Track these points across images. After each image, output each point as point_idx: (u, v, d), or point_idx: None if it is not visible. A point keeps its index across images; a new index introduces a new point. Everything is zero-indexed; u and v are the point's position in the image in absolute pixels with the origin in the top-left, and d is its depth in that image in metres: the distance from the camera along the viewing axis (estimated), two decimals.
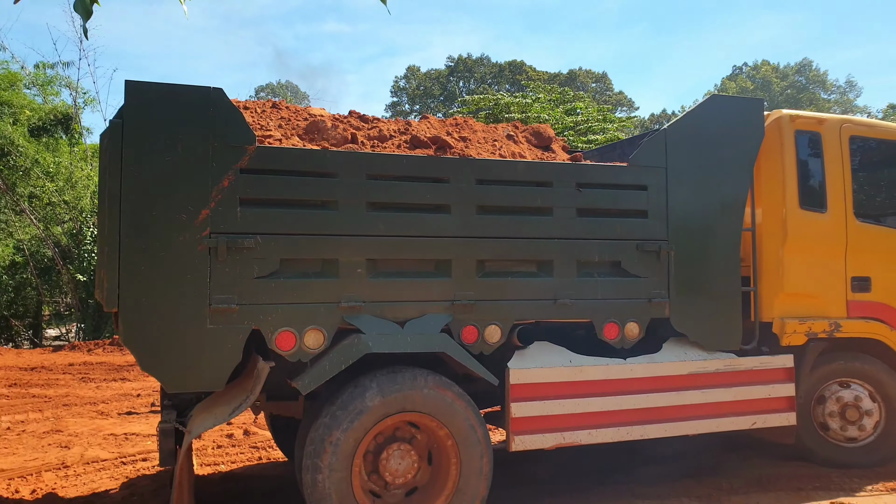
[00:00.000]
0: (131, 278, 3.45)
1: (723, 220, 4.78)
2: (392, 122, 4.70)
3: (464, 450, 3.93)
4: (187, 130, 3.55)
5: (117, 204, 3.43)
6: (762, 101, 5.10)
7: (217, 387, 3.63)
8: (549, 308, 4.34)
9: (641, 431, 4.52)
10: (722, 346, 4.78)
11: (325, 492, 3.64)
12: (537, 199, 4.34)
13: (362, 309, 3.89)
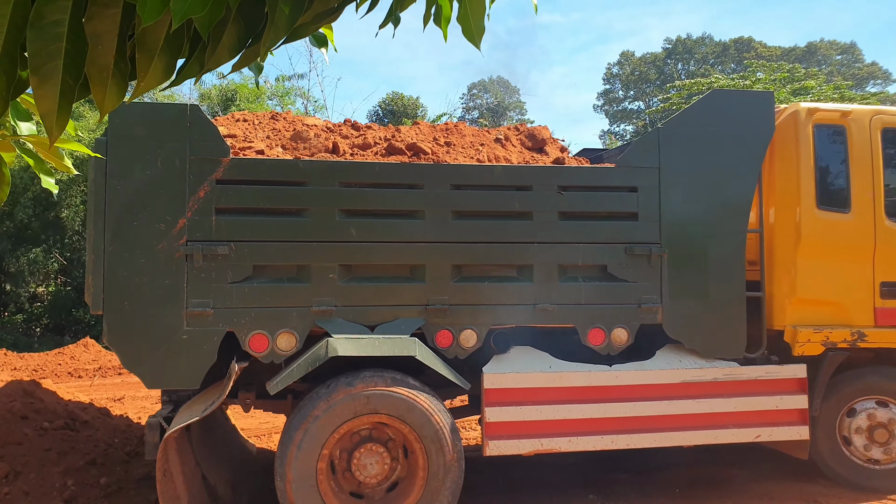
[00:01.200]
0: (114, 283, 3.78)
1: (725, 221, 4.54)
2: (381, 130, 4.81)
3: (428, 445, 3.98)
4: (166, 145, 3.83)
5: (102, 215, 3.77)
6: (771, 94, 4.76)
7: (193, 385, 3.91)
8: (529, 313, 4.31)
9: (628, 440, 4.39)
10: (722, 354, 4.55)
11: (291, 489, 3.81)
12: (515, 202, 4.32)
13: (334, 313, 4.04)
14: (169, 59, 1.26)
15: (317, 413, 3.87)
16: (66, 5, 1.15)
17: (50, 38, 1.16)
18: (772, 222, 4.83)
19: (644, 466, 5.33)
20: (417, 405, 3.95)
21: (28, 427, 4.91)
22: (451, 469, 4.00)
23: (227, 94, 19.57)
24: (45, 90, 1.17)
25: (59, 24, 1.14)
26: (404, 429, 3.99)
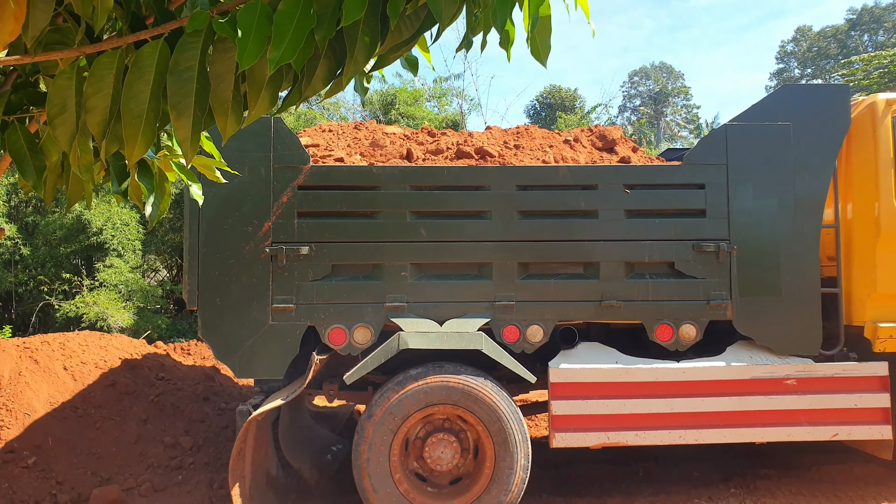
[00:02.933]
0: (207, 282, 4.12)
1: (798, 216, 4.47)
2: (455, 136, 4.98)
3: (497, 441, 4.14)
4: (252, 155, 4.14)
5: (196, 220, 4.11)
6: (848, 87, 4.63)
7: (278, 375, 4.20)
8: (595, 309, 4.39)
9: (696, 436, 4.41)
10: (796, 351, 4.49)
11: (365, 470, 4.06)
12: (581, 201, 4.40)
13: (406, 308, 4.25)
14: (273, 91, 1.47)
15: (392, 398, 4.10)
16: (195, 54, 1.38)
17: (184, 80, 1.39)
18: (850, 217, 4.71)
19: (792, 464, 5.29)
20: (482, 396, 4.12)
21: (208, 407, 5.61)
22: (517, 466, 4.14)
23: (388, 99, 20.74)
24: (182, 122, 1.40)
25: (191, 70, 1.37)
26: (471, 419, 4.17)
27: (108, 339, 6.32)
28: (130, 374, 5.63)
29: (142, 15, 1.60)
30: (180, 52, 1.39)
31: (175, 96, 1.39)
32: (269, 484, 4.73)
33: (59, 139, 1.49)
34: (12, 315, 20.05)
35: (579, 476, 5.28)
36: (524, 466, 4.19)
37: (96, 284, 17.16)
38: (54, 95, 1.48)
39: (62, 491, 4.53)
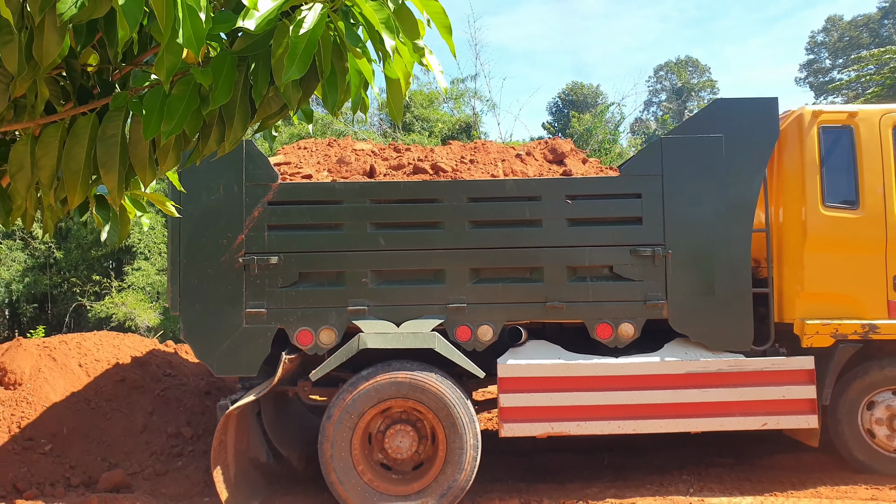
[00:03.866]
0: (188, 289, 4.67)
1: (729, 222, 4.82)
2: (417, 151, 5.46)
3: (446, 425, 4.60)
4: (226, 175, 4.67)
5: (177, 233, 4.67)
6: (775, 99, 4.98)
7: (251, 372, 4.74)
8: (540, 310, 4.83)
9: (634, 426, 4.81)
10: (729, 347, 4.86)
11: (330, 465, 4.57)
12: (526, 211, 4.84)
13: (367, 312, 4.75)
14: (177, 152, 1.97)
15: (347, 398, 4.60)
16: (118, 124, 1.88)
17: (110, 144, 1.90)
18: (780, 221, 5.06)
19: (746, 453, 5.64)
20: (428, 387, 4.59)
21: (209, 400, 6.14)
22: (467, 448, 4.61)
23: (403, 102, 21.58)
24: (109, 176, 1.90)
25: (115, 136, 1.87)
26: (422, 408, 4.65)
27: (120, 339, 6.96)
28: (139, 371, 6.25)
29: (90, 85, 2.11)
30: (107, 123, 1.90)
31: (103, 157, 1.90)
32: (259, 470, 5.29)
33: (19, 190, 2.01)
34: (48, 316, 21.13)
35: (546, 464, 5.72)
36: (474, 446, 4.65)
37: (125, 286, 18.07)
38: (14, 157, 2.00)
39: (74, 474, 5.15)
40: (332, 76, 1.65)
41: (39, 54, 1.54)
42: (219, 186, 4.67)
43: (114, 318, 16.93)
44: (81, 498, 4.78)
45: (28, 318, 21.09)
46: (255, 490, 4.97)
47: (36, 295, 21.08)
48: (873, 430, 4.95)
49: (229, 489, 4.62)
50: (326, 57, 1.59)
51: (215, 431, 4.50)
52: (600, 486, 4.93)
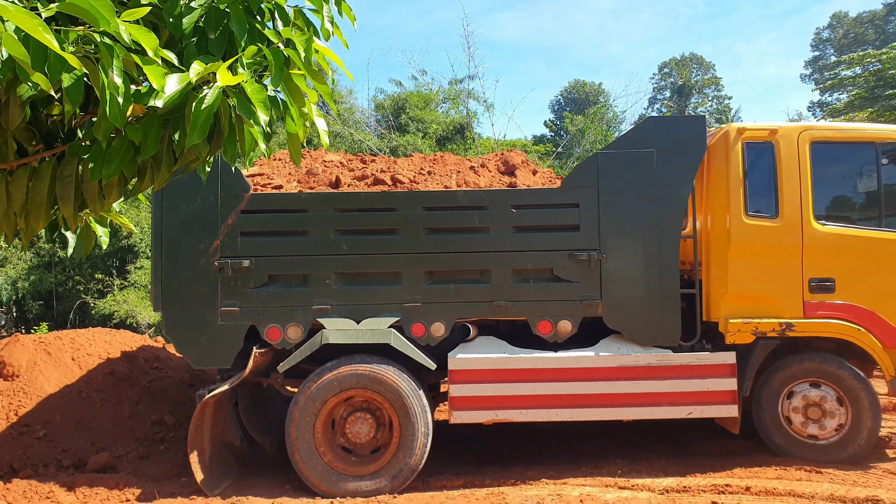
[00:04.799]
0: (169, 290, 5.18)
1: (659, 229, 5.29)
2: (382, 162, 5.95)
3: (400, 414, 5.11)
4: (203, 187, 5.17)
5: (159, 239, 5.18)
6: (703, 118, 5.44)
7: (226, 365, 5.25)
8: (487, 308, 5.31)
9: (570, 414, 5.31)
10: (658, 343, 5.33)
11: (295, 446, 5.08)
12: (475, 219, 5.32)
13: (330, 310, 5.25)
14: (119, 189, 2.47)
15: (312, 387, 5.11)
16: (73, 167, 2.38)
17: (66, 183, 2.39)
18: (708, 229, 5.52)
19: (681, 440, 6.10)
20: (385, 379, 5.09)
21: (192, 391, 6.56)
22: (418, 434, 5.10)
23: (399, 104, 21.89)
24: (66, 207, 2.39)
25: (70, 176, 2.37)
26: (379, 398, 5.15)
27: (112, 335, 7.48)
28: (127, 364, 6.77)
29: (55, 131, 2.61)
30: (64, 166, 2.39)
31: (61, 192, 2.40)
32: (233, 454, 5.81)
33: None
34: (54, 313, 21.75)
35: (499, 451, 6.20)
36: (424, 433, 5.14)
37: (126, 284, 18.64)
38: None
39: (66, 457, 5.68)
40: (231, 135, 2.14)
41: (6, 122, 2.03)
42: (197, 197, 5.16)
43: (116, 315, 17.52)
44: (71, 477, 5.30)
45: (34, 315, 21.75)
46: (228, 471, 5.48)
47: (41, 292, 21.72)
48: (791, 418, 5.41)
49: (204, 470, 5.13)
50: (225, 123, 2.08)
51: (192, 418, 5.01)
52: (540, 469, 5.40)
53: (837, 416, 5.32)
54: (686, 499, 4.69)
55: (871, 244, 5.38)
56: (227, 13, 2.21)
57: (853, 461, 5.27)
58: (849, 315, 5.33)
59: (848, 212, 5.57)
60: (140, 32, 1.81)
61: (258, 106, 2.01)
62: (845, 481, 4.86)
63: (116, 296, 17.86)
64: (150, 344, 7.65)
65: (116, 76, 1.81)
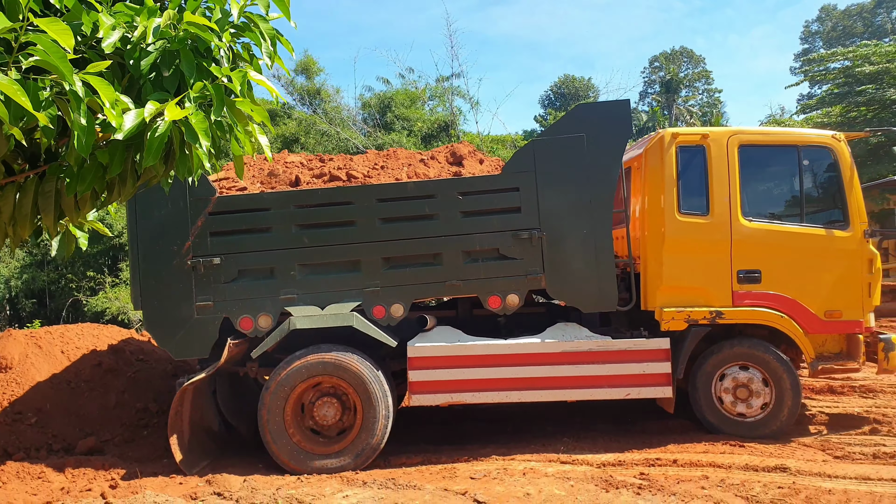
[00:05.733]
0: (147, 289, 5.63)
1: (592, 206, 5.70)
2: (339, 160, 6.40)
3: (363, 399, 5.58)
4: (173, 192, 5.54)
5: (136, 243, 5.63)
6: (627, 101, 5.87)
7: (203, 355, 5.70)
8: (441, 288, 5.77)
9: (519, 396, 5.81)
10: (597, 308, 5.85)
11: (266, 428, 5.55)
12: (425, 207, 5.75)
13: (296, 299, 5.70)
14: (93, 201, 2.93)
15: (282, 374, 5.58)
16: (53, 185, 2.84)
17: (48, 197, 2.85)
18: (645, 226, 6.01)
19: (625, 420, 6.59)
20: (349, 366, 5.56)
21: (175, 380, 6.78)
22: (379, 417, 5.58)
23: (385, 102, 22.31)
24: (48, 218, 2.85)
25: (51, 191, 2.81)
26: (344, 384, 5.62)
27: (100, 329, 7.94)
28: (114, 356, 7.22)
29: (39, 153, 3.06)
30: (45, 183, 2.85)
31: (42, 205, 2.85)
32: (211, 437, 6.28)
33: None
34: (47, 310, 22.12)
35: (459, 432, 6.69)
36: (385, 416, 5.62)
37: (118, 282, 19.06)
38: None
39: (56, 442, 6.14)
40: (182, 157, 2.61)
41: None
42: (168, 203, 5.60)
43: (108, 311, 17.93)
44: (61, 460, 5.77)
45: (27, 313, 22.12)
46: (206, 453, 5.95)
47: (34, 290, 22.09)
48: (722, 398, 5.91)
49: (183, 452, 5.60)
50: (177, 147, 2.54)
51: (171, 404, 5.48)
52: (493, 448, 5.89)
53: (763, 395, 5.83)
54: (619, 471, 5.19)
55: (794, 238, 5.87)
56: (178, 54, 2.67)
57: (776, 436, 5.78)
58: (773, 303, 5.83)
59: (773, 209, 6.05)
60: (100, 84, 2.26)
61: (201, 134, 2.47)
62: (763, 453, 5.37)
63: (108, 293, 18.26)
64: (136, 338, 8.09)
65: (81, 118, 2.27)
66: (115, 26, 2.51)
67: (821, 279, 5.86)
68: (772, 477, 4.85)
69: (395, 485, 4.99)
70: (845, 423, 6.18)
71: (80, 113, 2.30)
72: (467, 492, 4.77)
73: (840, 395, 7.28)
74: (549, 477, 5.09)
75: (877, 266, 5.90)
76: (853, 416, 6.34)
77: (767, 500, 4.39)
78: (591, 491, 4.75)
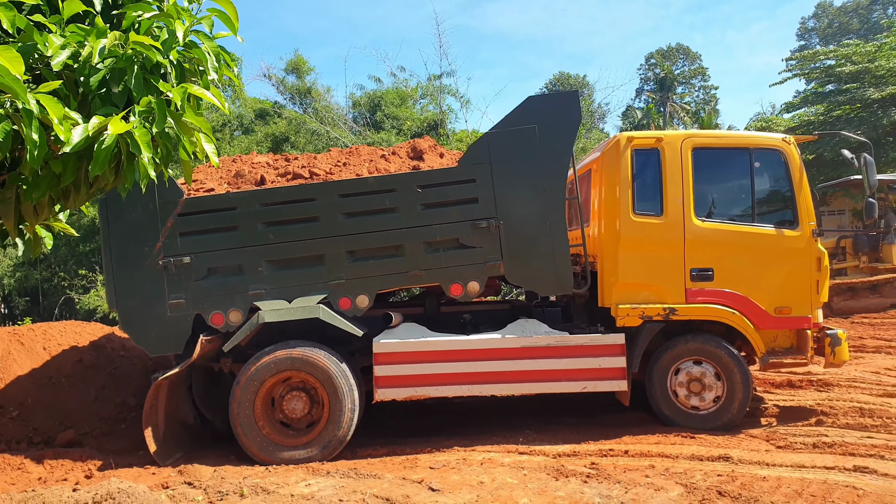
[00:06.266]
0: (122, 290, 5.85)
1: (546, 194, 5.92)
2: (303, 159, 6.62)
3: (330, 392, 5.82)
4: (142, 195, 5.72)
5: (109, 245, 5.84)
6: (576, 92, 6.10)
7: (178, 350, 5.92)
8: (404, 278, 5.99)
9: (480, 389, 6.05)
10: (554, 291, 6.08)
11: (237, 420, 5.79)
12: (386, 201, 5.96)
13: (264, 294, 5.92)
14: (50, 207, 3.16)
15: (251, 368, 5.81)
16: (13, 190, 3.07)
17: (7, 203, 3.08)
18: (602, 226, 6.24)
19: (588, 414, 6.80)
20: (316, 362, 5.79)
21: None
22: (345, 410, 5.81)
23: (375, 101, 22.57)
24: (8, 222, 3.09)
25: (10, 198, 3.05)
26: (312, 379, 5.86)
27: (82, 327, 8.16)
28: (94, 353, 7.45)
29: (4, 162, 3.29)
30: (5, 191, 3.08)
31: (3, 211, 3.09)
32: (186, 430, 6.51)
33: None
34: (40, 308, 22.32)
35: (429, 424, 6.93)
36: (351, 409, 5.85)
37: None
38: None
39: (36, 435, 6.37)
40: (130, 167, 2.84)
41: None
42: (138, 206, 5.82)
43: (100, 309, 18.13)
44: (40, 452, 6.00)
45: (21, 311, 22.32)
46: (180, 445, 6.19)
47: (28, 289, 22.29)
48: (677, 391, 6.15)
49: (157, 443, 5.84)
50: (124, 157, 2.77)
51: (146, 398, 5.71)
52: (456, 440, 6.13)
53: (715, 389, 6.08)
54: (572, 461, 5.43)
55: (745, 238, 6.11)
56: (126, 71, 2.90)
57: (727, 428, 6.03)
58: (725, 300, 6.07)
59: (726, 210, 6.28)
60: (49, 102, 2.50)
61: (143, 146, 2.70)
62: (711, 444, 5.61)
63: (100, 291, 18.45)
64: (118, 334, 8.32)
65: (34, 133, 2.50)
66: (64, 46, 2.74)
67: (771, 277, 6.10)
68: (714, 466, 5.09)
69: (357, 474, 5.23)
70: (795, 416, 6.43)
71: (33, 129, 2.53)
72: (423, 480, 5.01)
73: (798, 388, 7.52)
74: (505, 466, 5.33)
75: (825, 264, 6.13)
76: (804, 409, 6.59)
77: (704, 487, 4.62)
78: (542, 479, 4.99)
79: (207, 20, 3.12)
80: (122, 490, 3.86)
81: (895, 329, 11.08)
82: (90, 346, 7.55)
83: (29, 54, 2.71)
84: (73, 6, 2.79)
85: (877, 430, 5.79)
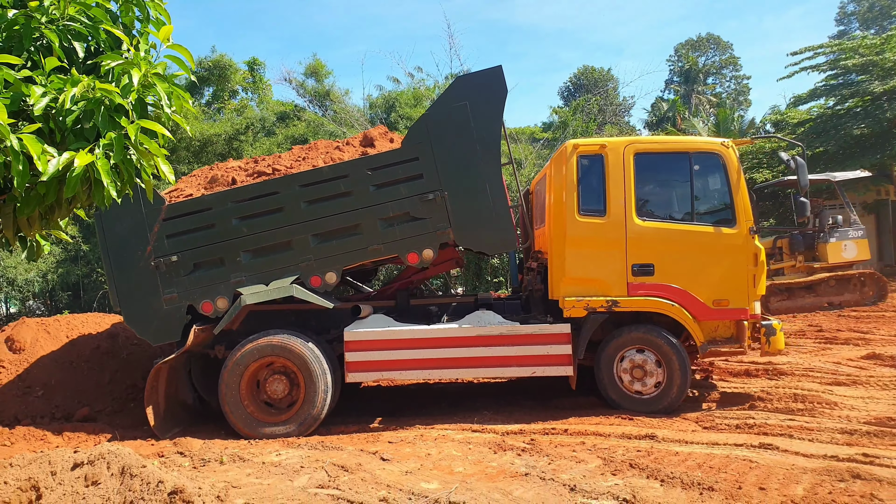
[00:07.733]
0: (122, 290, 6.71)
1: (483, 162, 6.53)
2: (269, 159, 7.38)
3: (305, 376, 6.57)
4: (131, 207, 6.55)
5: (106, 251, 6.69)
6: (499, 67, 6.55)
7: (177, 338, 6.76)
8: (365, 253, 6.66)
9: (440, 374, 6.72)
10: (500, 250, 6.81)
11: (225, 400, 6.60)
12: (341, 186, 6.65)
13: (245, 281, 6.70)
14: (41, 221, 3.95)
15: (237, 354, 6.60)
16: (11, 206, 3.87)
17: (7, 217, 3.89)
18: (551, 226, 6.84)
19: (546, 398, 7.42)
20: (292, 348, 6.55)
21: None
22: (319, 391, 6.56)
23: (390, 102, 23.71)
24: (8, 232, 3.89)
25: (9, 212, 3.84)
26: (290, 364, 6.62)
27: (102, 318, 9.12)
28: (110, 341, 8.39)
29: None
30: (3, 207, 3.88)
31: (3, 223, 3.89)
32: (185, 409, 7.37)
33: None
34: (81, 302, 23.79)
35: (403, 407, 7.64)
36: (324, 390, 6.59)
37: None
38: None
39: (58, 411, 7.31)
40: (98, 189, 3.60)
41: None
42: (128, 216, 6.66)
43: None
44: (60, 425, 6.93)
45: (64, 304, 23.84)
46: (178, 422, 7.04)
47: (69, 283, 23.80)
48: (622, 377, 6.72)
49: (157, 420, 6.69)
50: (93, 181, 3.54)
51: (147, 380, 6.57)
52: (422, 419, 6.83)
53: (656, 375, 6.62)
54: (516, 438, 6.06)
55: (684, 235, 6.62)
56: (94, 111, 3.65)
57: (668, 411, 6.57)
58: (665, 293, 6.60)
59: (667, 210, 6.79)
60: (29, 140, 3.25)
61: (103, 174, 3.45)
62: (644, 425, 6.18)
63: None
64: None
65: (19, 165, 3.27)
66: (45, 93, 3.50)
67: (710, 272, 6.60)
68: (638, 443, 5.66)
69: (323, 446, 5.98)
70: (735, 401, 6.93)
71: (18, 161, 3.30)
72: (378, 452, 5.72)
73: (753, 377, 7.99)
74: (455, 442, 6.00)
75: (761, 259, 6.60)
76: (745, 395, 7.07)
77: (620, 460, 5.21)
78: (482, 452, 5.65)
79: (162, 65, 3.85)
80: (112, 451, 4.64)
81: (877, 322, 11.34)
82: (107, 335, 8.48)
83: (17, 101, 3.49)
84: (52, 62, 3.56)
85: (801, 413, 6.27)
